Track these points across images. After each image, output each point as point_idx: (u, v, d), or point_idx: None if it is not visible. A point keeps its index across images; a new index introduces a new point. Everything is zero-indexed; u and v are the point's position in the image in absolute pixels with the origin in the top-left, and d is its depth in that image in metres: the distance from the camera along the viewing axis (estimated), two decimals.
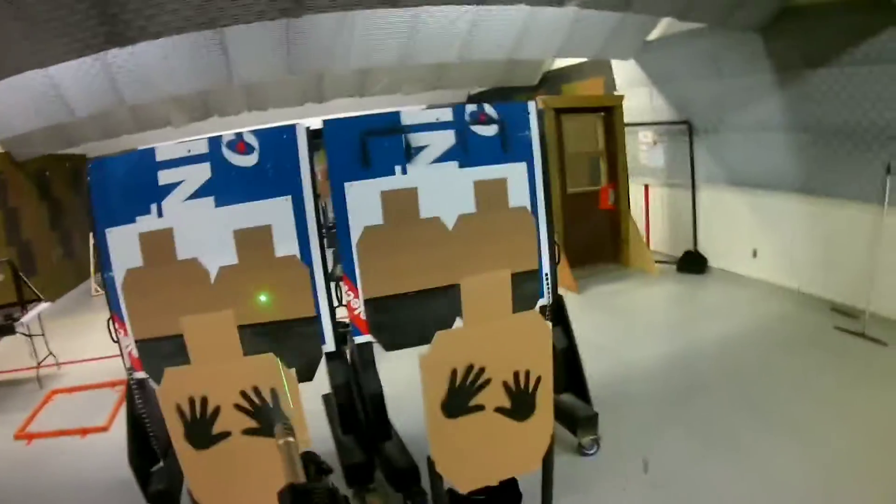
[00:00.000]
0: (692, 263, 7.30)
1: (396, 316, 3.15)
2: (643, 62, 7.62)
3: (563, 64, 9.51)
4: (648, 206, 8.19)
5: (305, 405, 2.31)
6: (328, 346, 3.12)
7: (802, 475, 3.12)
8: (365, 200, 3.06)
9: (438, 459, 2.41)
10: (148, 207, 2.85)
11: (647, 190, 8.17)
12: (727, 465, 3.29)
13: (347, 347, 3.32)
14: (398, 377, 3.25)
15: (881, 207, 4.89)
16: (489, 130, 3.20)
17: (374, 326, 3.14)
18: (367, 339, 3.15)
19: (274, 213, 2.97)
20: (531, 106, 3.28)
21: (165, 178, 2.87)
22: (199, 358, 2.26)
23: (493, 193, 3.21)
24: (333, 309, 3.13)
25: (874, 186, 4.99)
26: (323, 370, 3.14)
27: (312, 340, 3.07)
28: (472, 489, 2.48)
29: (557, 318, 3.53)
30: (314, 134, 3.09)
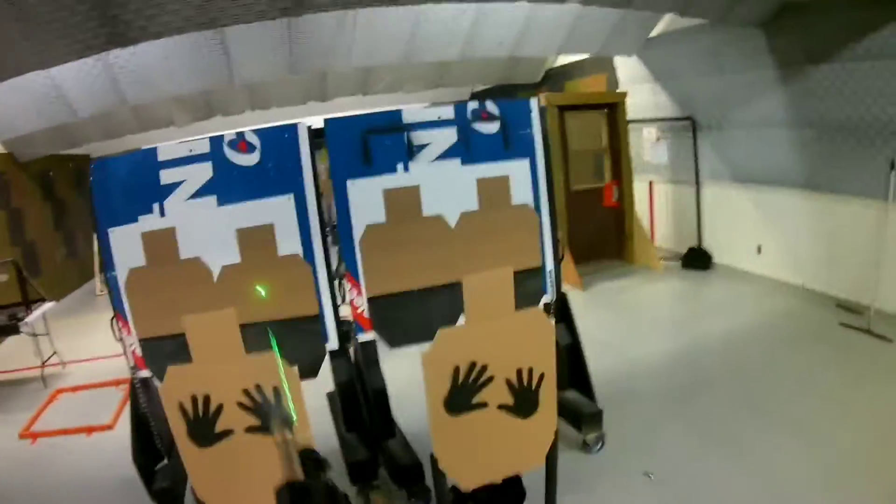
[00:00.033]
0: (696, 260, 7.28)
1: (400, 313, 3.15)
2: (646, 59, 7.61)
3: (566, 61, 9.48)
4: (653, 202, 8.17)
5: (310, 403, 2.31)
6: (331, 344, 3.12)
7: (806, 473, 3.11)
8: (367, 198, 3.06)
9: (441, 457, 2.41)
10: (150, 207, 2.85)
11: (651, 187, 8.16)
12: (731, 462, 3.28)
13: (351, 345, 3.32)
14: (401, 375, 3.25)
15: (885, 203, 4.87)
16: (491, 128, 3.19)
17: (377, 324, 3.14)
18: (370, 336, 3.16)
19: (276, 212, 2.98)
20: (533, 103, 3.27)
21: (167, 177, 2.87)
22: (201, 356, 2.27)
23: (495, 191, 3.21)
24: (337, 307, 3.13)
25: (878, 182, 4.96)
26: (327, 368, 3.15)
27: (315, 338, 3.07)
28: (474, 486, 2.48)
29: (561, 314, 3.52)
30: (316, 133, 3.08)
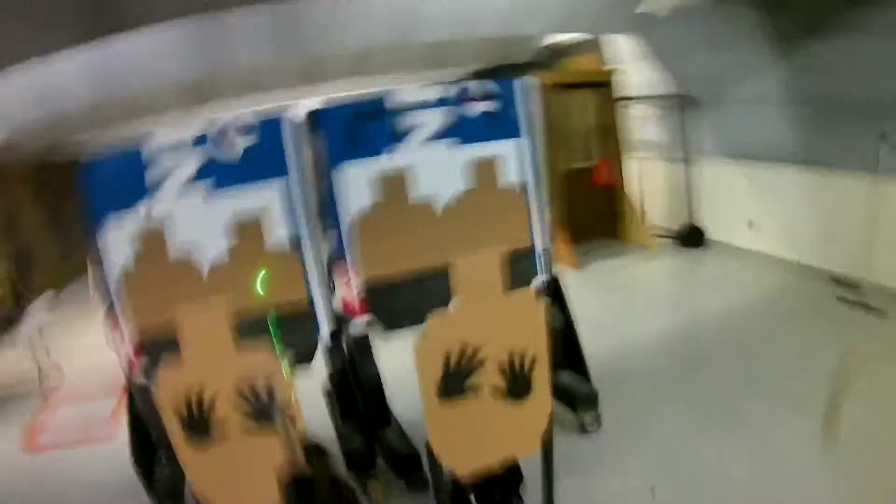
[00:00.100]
0: (692, 237, 7.25)
1: (393, 297, 3.15)
2: (641, 37, 7.50)
3: (561, 40, 9.36)
4: (647, 180, 8.11)
5: (306, 394, 2.30)
6: (325, 332, 3.11)
7: (807, 447, 3.10)
8: (357, 183, 3.05)
9: (436, 444, 2.39)
10: (139, 203, 2.83)
11: (645, 164, 8.09)
12: (730, 440, 3.29)
13: (344, 334, 3.31)
14: (396, 363, 3.22)
15: (876, 176, 4.82)
16: (480, 109, 3.16)
17: (370, 308, 3.13)
18: (363, 323, 3.14)
19: (265, 201, 2.96)
20: (521, 83, 3.24)
21: (155, 173, 2.84)
22: (192, 349, 2.25)
23: (485, 172, 3.18)
24: (329, 295, 3.11)
25: (873, 156, 4.92)
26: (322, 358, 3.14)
27: (308, 327, 3.06)
28: (470, 472, 2.48)
29: (554, 295, 3.50)
30: (304, 120, 3.05)
